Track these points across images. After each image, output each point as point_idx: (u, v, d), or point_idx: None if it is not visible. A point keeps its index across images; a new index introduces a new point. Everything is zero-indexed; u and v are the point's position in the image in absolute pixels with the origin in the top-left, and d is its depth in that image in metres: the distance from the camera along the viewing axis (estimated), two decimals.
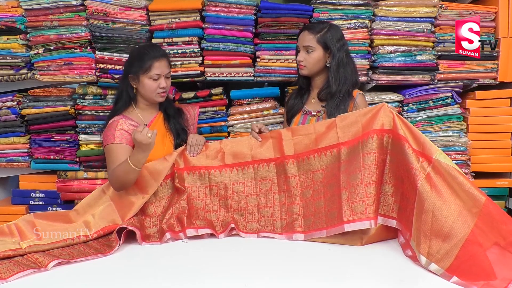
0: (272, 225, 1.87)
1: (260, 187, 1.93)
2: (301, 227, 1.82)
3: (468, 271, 1.41)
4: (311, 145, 1.88)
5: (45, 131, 2.51)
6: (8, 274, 1.45)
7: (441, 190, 1.52)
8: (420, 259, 1.51)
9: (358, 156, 1.73)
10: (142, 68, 1.95)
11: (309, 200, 1.84)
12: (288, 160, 1.90)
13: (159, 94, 1.99)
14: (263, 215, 1.89)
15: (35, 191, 2.58)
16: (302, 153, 1.89)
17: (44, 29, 2.41)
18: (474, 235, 1.43)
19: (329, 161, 1.82)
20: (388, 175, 1.74)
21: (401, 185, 1.69)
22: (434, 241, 1.49)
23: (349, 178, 1.72)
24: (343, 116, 1.85)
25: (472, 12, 2.44)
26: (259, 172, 1.94)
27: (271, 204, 1.90)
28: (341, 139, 1.80)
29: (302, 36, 2.05)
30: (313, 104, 2.10)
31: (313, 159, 1.86)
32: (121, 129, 1.93)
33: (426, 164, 1.58)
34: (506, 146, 2.51)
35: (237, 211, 1.91)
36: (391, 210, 1.73)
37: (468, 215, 1.47)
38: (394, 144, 1.71)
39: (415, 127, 1.70)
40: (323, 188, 1.81)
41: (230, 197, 1.93)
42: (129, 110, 2.04)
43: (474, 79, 2.50)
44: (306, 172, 1.87)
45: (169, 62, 2.04)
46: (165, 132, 2.06)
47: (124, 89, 2.03)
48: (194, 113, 2.24)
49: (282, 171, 1.91)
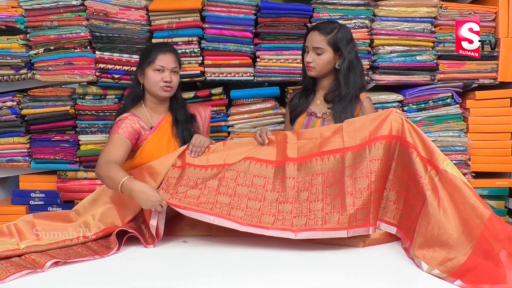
0: (258, 218, 1.74)
1: (253, 181, 1.84)
2: (291, 225, 1.70)
3: (473, 276, 1.39)
4: (315, 149, 1.85)
5: (45, 131, 2.51)
6: (5, 275, 1.44)
7: (447, 202, 1.52)
8: (422, 266, 1.50)
9: (364, 162, 1.71)
10: (147, 60, 1.97)
11: (303, 202, 1.77)
12: (289, 162, 1.86)
13: (163, 88, 1.98)
14: (250, 207, 1.76)
15: (35, 191, 2.58)
16: (305, 157, 1.85)
17: (44, 29, 2.41)
18: (479, 247, 1.42)
19: (331, 165, 1.79)
20: (392, 181, 1.73)
21: (406, 193, 1.69)
22: (438, 252, 1.49)
23: (355, 184, 1.70)
24: (351, 121, 1.83)
25: (472, 12, 2.44)
26: (256, 168, 1.87)
27: (260, 199, 1.79)
28: (346, 144, 1.77)
29: (311, 36, 1.99)
30: (318, 106, 2.07)
31: (315, 162, 1.82)
32: (128, 123, 1.93)
33: (434, 173, 1.57)
34: (506, 146, 2.51)
35: (223, 194, 1.78)
36: (393, 217, 1.72)
37: (473, 228, 1.46)
38: (402, 151, 1.70)
39: (425, 134, 1.68)
40: (322, 192, 1.76)
41: (220, 180, 1.82)
42: (137, 107, 2.04)
43: (474, 79, 2.50)
44: (305, 174, 1.83)
45: (177, 58, 2.04)
46: (170, 136, 2.04)
47: (133, 86, 2.06)
48: (205, 114, 2.22)
49: (281, 172, 1.86)
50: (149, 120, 2.02)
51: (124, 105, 2.07)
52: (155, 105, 2.05)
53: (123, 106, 2.08)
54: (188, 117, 2.11)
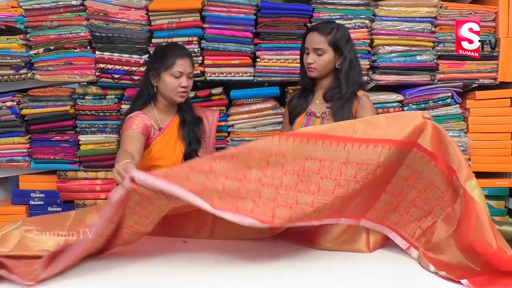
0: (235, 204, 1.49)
1: (269, 161, 1.53)
2: (273, 217, 1.48)
3: (482, 279, 1.38)
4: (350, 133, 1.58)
5: (45, 131, 2.50)
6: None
7: (460, 220, 1.51)
8: (429, 267, 1.51)
9: (365, 164, 1.54)
10: (164, 64, 1.93)
11: (327, 194, 1.53)
12: (312, 139, 1.55)
13: (179, 94, 1.96)
14: (263, 195, 1.51)
15: (35, 191, 2.58)
16: (333, 136, 1.56)
17: (44, 29, 2.41)
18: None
19: (331, 154, 1.54)
20: (393, 185, 1.63)
21: (423, 211, 1.63)
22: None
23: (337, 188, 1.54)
24: (372, 117, 1.75)
25: (472, 12, 2.44)
26: (270, 143, 1.56)
27: (240, 178, 1.51)
28: (355, 134, 1.56)
29: (311, 37, 1.98)
30: (317, 105, 2.07)
31: (314, 145, 1.55)
32: (141, 120, 1.90)
33: (458, 186, 1.54)
34: (506, 146, 2.51)
35: (196, 171, 1.50)
36: (413, 235, 1.65)
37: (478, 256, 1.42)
38: (415, 158, 1.59)
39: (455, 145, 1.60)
40: (315, 183, 1.53)
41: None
42: (147, 108, 2.02)
43: (474, 79, 2.50)
44: (333, 160, 1.54)
45: (192, 63, 2.00)
46: (177, 139, 2.03)
47: (145, 88, 2.02)
48: (213, 119, 2.21)
49: (302, 149, 1.55)
50: (158, 122, 2.01)
51: (135, 106, 2.03)
52: (165, 107, 2.03)
53: (133, 106, 2.04)
54: (195, 119, 2.10)
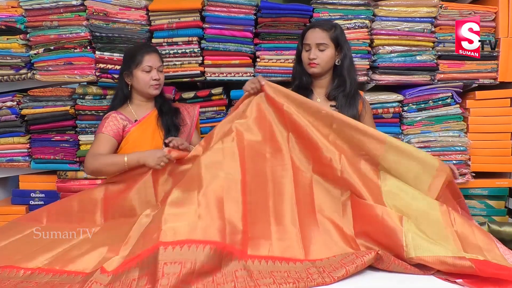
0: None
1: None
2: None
3: (476, 279, 1.39)
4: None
5: (45, 131, 2.51)
6: None
7: None
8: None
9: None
10: (134, 62, 2.04)
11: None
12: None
13: (153, 86, 2.06)
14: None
15: (35, 191, 2.58)
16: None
17: (44, 29, 2.42)
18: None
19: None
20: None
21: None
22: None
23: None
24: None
25: (472, 12, 2.44)
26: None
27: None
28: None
29: (313, 33, 1.97)
30: (319, 104, 1.98)
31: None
32: (111, 121, 2.03)
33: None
34: (506, 146, 2.51)
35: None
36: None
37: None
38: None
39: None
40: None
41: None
42: (123, 107, 2.11)
43: (474, 79, 2.50)
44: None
45: (160, 57, 2.11)
46: (155, 127, 2.10)
47: (119, 88, 2.12)
48: (194, 112, 2.24)
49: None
50: (134, 116, 2.09)
51: (112, 106, 2.13)
52: (141, 102, 2.13)
53: (111, 107, 2.14)
54: (172, 109, 2.17)
